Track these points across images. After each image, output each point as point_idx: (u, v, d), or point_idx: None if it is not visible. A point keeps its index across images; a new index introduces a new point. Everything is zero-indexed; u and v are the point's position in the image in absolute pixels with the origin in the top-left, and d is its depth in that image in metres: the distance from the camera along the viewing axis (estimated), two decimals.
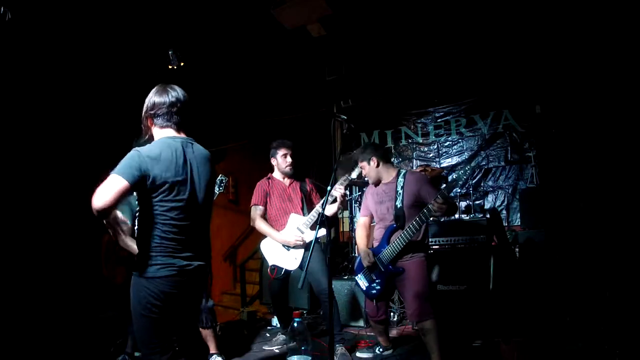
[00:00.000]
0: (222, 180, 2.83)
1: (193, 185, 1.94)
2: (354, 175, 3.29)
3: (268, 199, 3.55)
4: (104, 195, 1.75)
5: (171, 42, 4.97)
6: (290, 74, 6.18)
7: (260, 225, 3.49)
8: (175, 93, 2.00)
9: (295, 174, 3.62)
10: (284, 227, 3.46)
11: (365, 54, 5.84)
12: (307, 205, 3.57)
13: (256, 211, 3.52)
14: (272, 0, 4.56)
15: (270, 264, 3.48)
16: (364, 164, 3.08)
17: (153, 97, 2.00)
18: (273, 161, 3.62)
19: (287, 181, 3.61)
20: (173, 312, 1.91)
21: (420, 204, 2.86)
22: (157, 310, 1.84)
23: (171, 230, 1.87)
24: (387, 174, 3.06)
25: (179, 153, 1.92)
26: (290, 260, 3.38)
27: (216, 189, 2.62)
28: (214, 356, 3.17)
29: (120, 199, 1.78)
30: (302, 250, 3.36)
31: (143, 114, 2.03)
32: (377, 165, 3.05)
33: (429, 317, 2.77)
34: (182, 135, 2.03)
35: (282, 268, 3.41)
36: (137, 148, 1.88)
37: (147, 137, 2.05)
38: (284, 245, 3.42)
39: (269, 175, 3.67)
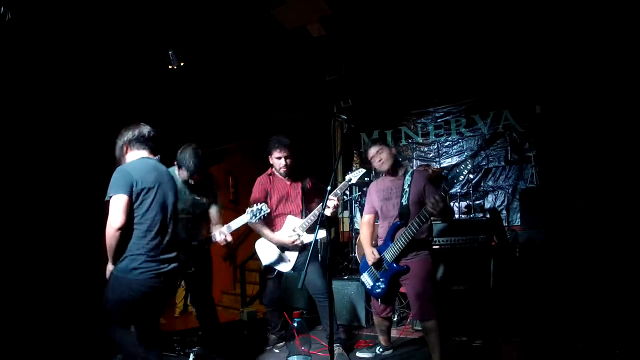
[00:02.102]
0: (260, 209, 3.01)
1: (164, 194, 2.36)
2: (354, 180, 3.25)
3: (268, 198, 3.43)
4: (115, 216, 2.15)
5: (171, 42, 4.97)
6: (290, 74, 6.18)
7: (257, 225, 3.38)
8: (149, 128, 2.49)
9: (295, 173, 3.49)
10: (280, 229, 3.39)
11: (365, 54, 5.84)
12: (306, 206, 3.48)
13: None
14: (272, 0, 4.56)
15: (263, 264, 3.44)
16: (384, 147, 3.02)
17: (131, 130, 2.44)
18: (270, 160, 3.47)
19: (288, 180, 3.49)
20: (147, 309, 2.27)
21: (424, 202, 2.86)
22: (134, 309, 2.18)
23: (149, 233, 2.23)
24: (397, 169, 3.06)
25: (153, 168, 2.38)
26: (284, 262, 3.35)
27: (252, 218, 2.98)
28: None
29: (129, 213, 2.19)
30: (296, 253, 3.33)
31: (121, 141, 2.45)
32: (395, 154, 3.04)
33: (432, 317, 2.77)
34: (153, 157, 2.49)
35: (275, 269, 3.39)
36: (120, 166, 2.31)
37: (119, 160, 2.46)
38: (278, 247, 3.37)
39: (269, 171, 3.51)
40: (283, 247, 3.36)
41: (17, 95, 4.45)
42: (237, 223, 2.94)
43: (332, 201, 3.10)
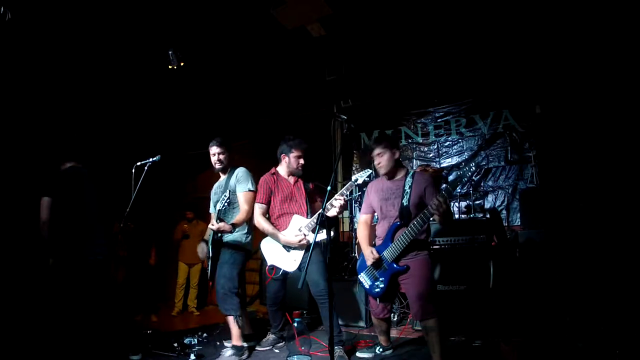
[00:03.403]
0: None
1: (84, 196, 3.21)
2: (360, 181, 3.27)
3: (272, 197, 3.46)
4: (41, 213, 3.07)
5: (171, 42, 4.97)
6: (290, 74, 6.18)
7: (263, 224, 3.41)
8: (75, 142, 3.47)
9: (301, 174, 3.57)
10: (286, 228, 3.40)
11: (365, 54, 5.84)
12: (310, 206, 3.52)
13: (259, 209, 3.44)
14: (272, 0, 4.57)
15: (269, 263, 3.46)
16: (385, 151, 2.98)
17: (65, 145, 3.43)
18: (284, 158, 3.52)
19: (291, 179, 3.54)
20: (84, 294, 3.01)
21: (424, 204, 2.87)
22: (75, 293, 3.00)
23: (77, 226, 3.07)
24: (397, 171, 3.06)
25: (74, 173, 3.30)
26: (289, 262, 3.35)
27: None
28: (226, 349, 3.34)
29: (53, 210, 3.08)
30: (301, 252, 3.32)
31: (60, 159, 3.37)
32: (397, 157, 3.03)
33: (432, 316, 2.78)
34: (77, 164, 3.40)
35: (281, 269, 3.39)
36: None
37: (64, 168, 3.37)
38: (284, 246, 3.38)
39: (273, 170, 3.56)
40: (288, 247, 3.37)
41: (17, 95, 4.45)
42: None
43: (338, 201, 3.15)
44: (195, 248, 3.78)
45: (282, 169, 3.56)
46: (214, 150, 3.53)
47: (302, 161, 3.49)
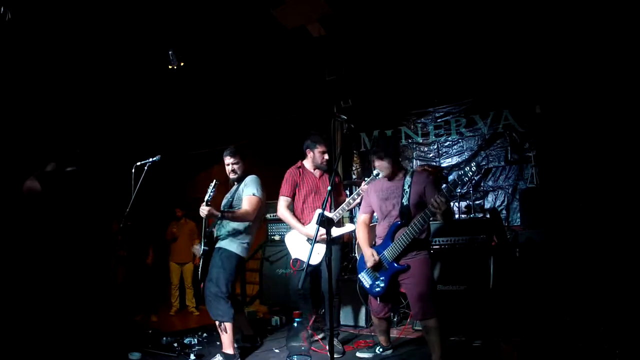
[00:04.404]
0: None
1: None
2: (381, 175, 3.24)
3: (297, 191, 3.54)
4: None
5: (171, 42, 4.97)
6: (290, 74, 6.18)
7: (287, 216, 3.48)
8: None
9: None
10: (310, 222, 3.45)
11: (365, 54, 5.84)
12: (335, 199, 3.57)
13: (284, 202, 3.51)
14: (272, 0, 4.57)
15: (293, 257, 3.50)
16: (384, 160, 3.00)
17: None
18: (309, 153, 3.61)
19: (317, 173, 3.61)
20: None
21: (424, 203, 2.87)
22: None
23: None
24: (397, 172, 3.06)
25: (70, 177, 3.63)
26: (313, 255, 3.36)
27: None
28: (216, 356, 3.21)
29: None
30: (324, 246, 3.28)
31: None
32: (396, 161, 3.05)
33: (432, 316, 2.78)
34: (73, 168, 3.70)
35: (305, 262, 3.41)
36: None
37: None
38: (308, 240, 3.42)
39: (299, 164, 3.65)
40: (312, 240, 3.37)
41: (16, 95, 4.45)
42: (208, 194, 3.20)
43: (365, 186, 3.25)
44: (184, 246, 3.79)
45: (307, 163, 3.64)
46: (227, 160, 3.46)
47: (326, 156, 3.58)
